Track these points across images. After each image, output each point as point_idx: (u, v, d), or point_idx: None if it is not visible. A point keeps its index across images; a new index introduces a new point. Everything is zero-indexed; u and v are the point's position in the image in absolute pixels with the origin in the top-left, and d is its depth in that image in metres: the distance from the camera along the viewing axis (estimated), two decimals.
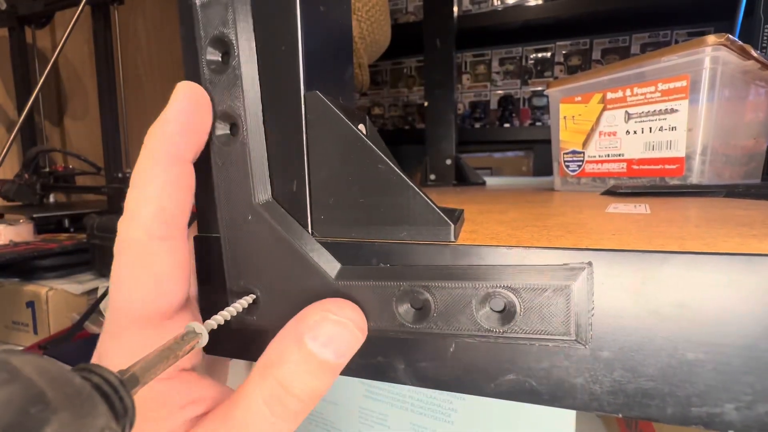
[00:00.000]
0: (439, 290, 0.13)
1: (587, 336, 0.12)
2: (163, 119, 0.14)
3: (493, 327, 0.13)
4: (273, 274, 0.15)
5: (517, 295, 0.12)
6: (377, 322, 0.14)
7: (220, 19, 0.14)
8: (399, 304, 0.14)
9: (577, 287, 0.12)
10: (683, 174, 0.32)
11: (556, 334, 0.12)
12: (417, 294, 0.13)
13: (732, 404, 0.11)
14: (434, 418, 0.31)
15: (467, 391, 0.13)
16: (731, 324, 0.11)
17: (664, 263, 0.11)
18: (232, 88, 0.14)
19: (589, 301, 0.12)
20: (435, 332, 0.13)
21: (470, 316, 0.13)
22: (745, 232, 0.14)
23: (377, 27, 0.63)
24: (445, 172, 0.71)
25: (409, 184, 0.14)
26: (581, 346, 0.12)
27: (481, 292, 0.12)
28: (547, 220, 0.18)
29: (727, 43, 0.29)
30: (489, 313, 0.13)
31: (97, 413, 0.07)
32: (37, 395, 0.07)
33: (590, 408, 0.12)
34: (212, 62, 0.15)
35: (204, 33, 0.15)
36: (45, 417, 0.07)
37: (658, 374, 0.11)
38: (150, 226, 0.14)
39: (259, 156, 0.15)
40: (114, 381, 0.08)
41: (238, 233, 0.15)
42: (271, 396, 0.13)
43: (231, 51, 0.14)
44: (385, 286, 0.14)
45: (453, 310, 0.13)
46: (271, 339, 0.15)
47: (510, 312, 0.12)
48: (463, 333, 0.13)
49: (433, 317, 0.13)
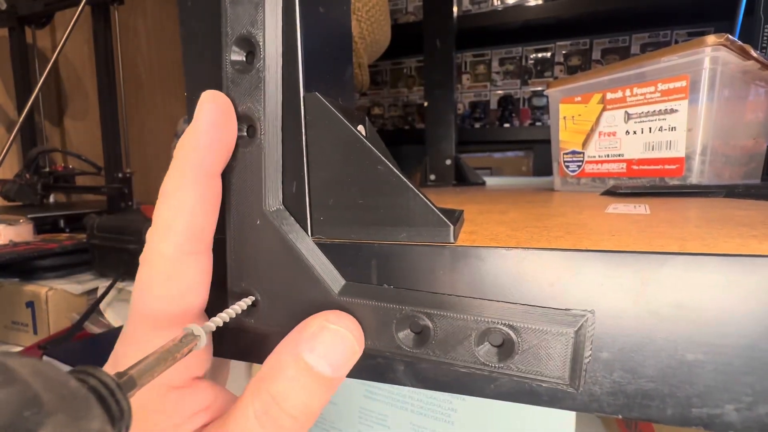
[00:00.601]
0: (440, 318, 0.13)
1: (580, 382, 0.12)
2: (193, 131, 0.14)
3: (490, 361, 0.13)
4: (276, 281, 0.15)
5: (517, 335, 0.12)
6: (375, 342, 0.14)
7: (248, 18, 0.14)
8: (399, 328, 0.14)
9: (577, 334, 0.12)
10: (683, 174, 0.32)
11: (550, 376, 0.12)
12: (417, 319, 0.13)
13: (732, 405, 0.11)
14: (434, 419, 0.31)
15: (467, 393, 0.13)
16: (731, 325, 0.11)
17: (664, 264, 0.11)
18: (254, 90, 0.14)
19: (587, 348, 0.12)
20: (432, 359, 0.13)
21: (468, 348, 0.13)
22: (745, 232, 0.14)
23: (377, 27, 0.63)
24: (444, 173, 0.71)
25: (408, 185, 0.14)
26: (573, 391, 0.12)
27: (482, 326, 0.13)
28: (546, 221, 0.18)
29: (726, 43, 0.29)
30: (488, 348, 0.13)
31: (92, 416, 0.07)
32: (32, 398, 0.07)
33: (590, 409, 0.12)
34: (236, 62, 0.15)
35: (231, 30, 0.14)
36: (39, 420, 0.06)
37: (657, 375, 0.11)
38: (180, 242, 0.14)
39: (274, 161, 0.15)
40: (111, 384, 0.08)
41: (244, 237, 0.15)
42: (264, 412, 0.13)
43: (257, 52, 0.14)
44: (386, 308, 0.14)
45: (452, 339, 0.13)
46: (270, 342, 0.15)
47: (508, 349, 0.12)
48: (460, 363, 0.13)
49: (432, 344, 0.13)
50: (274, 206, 0.15)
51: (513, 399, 0.13)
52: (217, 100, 0.14)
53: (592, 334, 0.12)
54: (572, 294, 0.12)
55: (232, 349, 0.17)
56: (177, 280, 0.14)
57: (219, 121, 0.14)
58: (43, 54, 0.93)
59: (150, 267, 0.14)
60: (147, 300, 0.14)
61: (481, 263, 0.13)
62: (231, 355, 0.17)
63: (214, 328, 0.13)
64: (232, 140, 0.15)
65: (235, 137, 0.15)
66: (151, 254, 0.14)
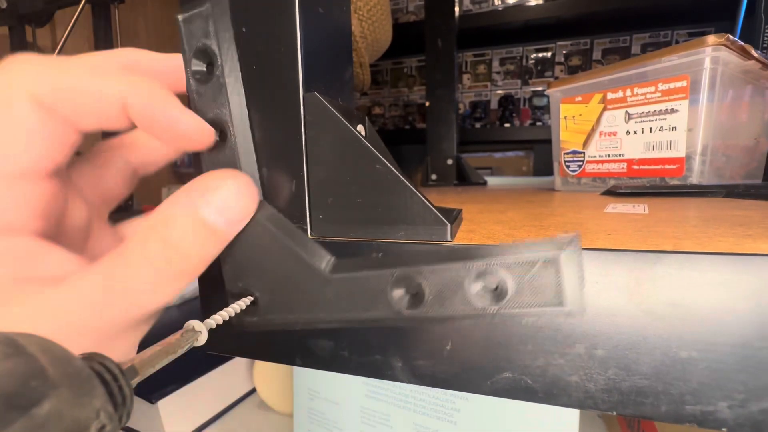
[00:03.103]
0: (431, 274, 0.13)
1: (581, 306, 0.12)
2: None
3: (487, 305, 0.13)
4: (269, 275, 0.15)
5: (508, 271, 0.12)
6: (373, 312, 0.14)
7: (202, 32, 0.15)
8: (393, 291, 0.14)
9: (565, 257, 0.12)
10: (683, 174, 0.32)
11: (549, 305, 0.12)
12: (410, 280, 0.13)
13: (725, 402, 0.11)
14: (437, 418, 0.31)
15: (464, 389, 0.13)
16: (724, 323, 0.11)
17: (658, 263, 0.11)
18: (218, 97, 0.15)
19: (580, 270, 0.12)
20: (431, 316, 0.13)
21: (463, 297, 0.13)
22: (740, 232, 0.14)
23: (378, 26, 0.63)
24: (446, 172, 0.71)
25: (406, 184, 0.14)
26: (576, 316, 0.12)
27: (472, 272, 0.12)
28: (545, 220, 0.18)
29: (727, 43, 0.29)
30: (482, 292, 0.13)
31: (95, 394, 0.08)
32: (39, 370, 0.07)
33: (585, 406, 0.12)
34: (197, 72, 0.15)
35: (188, 46, 0.15)
36: (45, 391, 0.07)
37: (651, 372, 0.12)
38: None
39: (249, 159, 0.15)
40: (114, 369, 0.08)
41: (236, 238, 0.15)
42: (156, 255, 0.13)
43: (215, 61, 0.15)
44: (378, 274, 0.14)
45: (446, 292, 0.13)
46: (271, 339, 0.15)
47: (502, 289, 0.12)
48: (458, 314, 0.13)
49: (428, 301, 0.13)
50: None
51: (509, 396, 0.13)
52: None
53: (581, 254, 0.12)
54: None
55: (232, 346, 0.17)
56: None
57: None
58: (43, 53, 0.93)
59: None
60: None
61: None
62: (231, 351, 0.17)
63: (215, 325, 0.13)
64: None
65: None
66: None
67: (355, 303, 0.14)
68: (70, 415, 0.07)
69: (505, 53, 1.18)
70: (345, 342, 0.15)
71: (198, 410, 0.40)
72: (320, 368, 0.15)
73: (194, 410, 0.40)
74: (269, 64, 0.15)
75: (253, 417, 0.44)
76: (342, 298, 0.14)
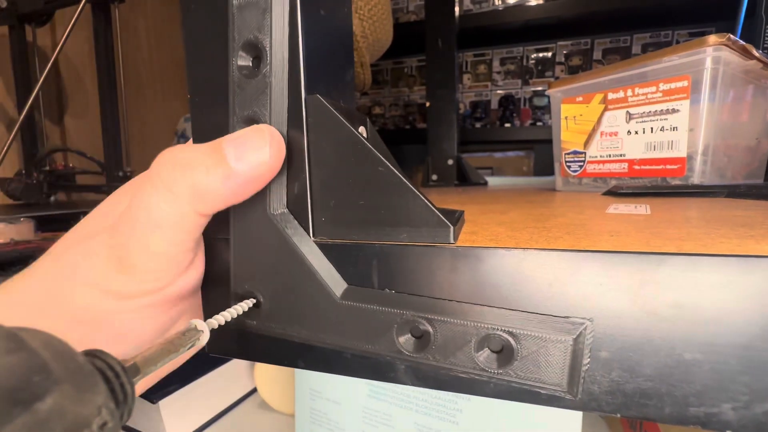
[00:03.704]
0: (440, 324, 0.13)
1: (578, 389, 0.12)
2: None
3: (490, 367, 0.13)
4: (279, 284, 0.15)
5: (516, 341, 0.12)
6: (376, 346, 0.14)
7: (256, 24, 0.14)
8: (400, 332, 0.14)
9: (575, 342, 0.12)
10: (685, 174, 0.32)
11: (549, 383, 0.12)
12: (418, 324, 0.13)
13: (729, 404, 0.11)
14: (439, 419, 0.31)
15: (467, 391, 0.13)
16: (728, 324, 0.11)
17: (662, 264, 0.11)
18: (260, 95, 0.14)
19: (585, 355, 0.12)
20: (432, 364, 0.13)
21: (468, 354, 0.13)
22: (743, 233, 0.14)
23: (379, 25, 0.63)
24: (447, 173, 0.71)
25: (408, 186, 0.14)
26: (571, 398, 0.12)
27: (482, 332, 0.13)
28: (546, 221, 0.18)
29: (728, 42, 0.29)
30: (487, 354, 0.13)
31: (97, 390, 0.08)
32: (41, 365, 0.07)
33: (588, 408, 0.12)
34: (243, 67, 0.15)
35: (238, 36, 0.14)
36: (47, 386, 0.07)
37: (655, 374, 0.12)
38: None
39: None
40: (116, 367, 0.08)
41: (248, 240, 0.15)
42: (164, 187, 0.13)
43: (263, 57, 0.14)
44: (388, 312, 0.14)
45: (452, 345, 0.13)
46: (274, 342, 0.15)
47: (507, 355, 0.13)
48: (460, 368, 0.13)
49: (432, 349, 0.13)
50: (278, 210, 0.15)
51: (512, 398, 0.13)
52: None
53: (590, 342, 0.12)
54: (571, 294, 0.12)
55: (233, 348, 0.17)
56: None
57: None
58: (43, 52, 0.93)
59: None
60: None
61: (481, 264, 0.13)
62: (233, 353, 0.17)
63: (217, 326, 0.13)
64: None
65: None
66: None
67: (358, 333, 0.14)
68: (73, 411, 0.07)
69: (506, 53, 1.18)
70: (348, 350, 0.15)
71: (199, 410, 0.40)
72: (323, 371, 0.15)
73: (195, 410, 0.40)
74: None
75: (255, 417, 0.44)
76: (346, 325, 0.14)
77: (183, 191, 0.13)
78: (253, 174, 0.14)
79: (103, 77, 0.79)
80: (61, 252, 0.16)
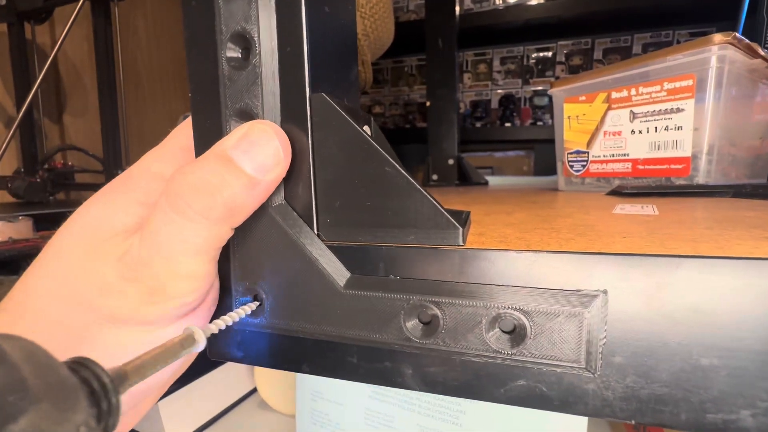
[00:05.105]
0: (449, 307, 0.13)
1: (597, 364, 0.12)
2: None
3: (502, 348, 0.12)
4: (280, 278, 0.15)
5: (528, 318, 0.12)
6: (383, 335, 0.14)
7: (242, 14, 0.14)
8: (407, 318, 0.13)
9: (589, 315, 0.12)
10: (689, 174, 0.32)
11: (565, 360, 0.12)
12: (426, 309, 0.13)
13: (748, 411, 0.11)
14: (442, 420, 0.30)
15: (476, 397, 0.13)
16: (746, 329, 0.11)
17: (678, 267, 0.11)
18: (252, 86, 0.14)
19: (601, 329, 0.12)
20: (442, 348, 0.13)
21: (479, 336, 0.13)
22: (758, 234, 0.13)
23: (381, 24, 0.63)
24: (447, 172, 0.70)
25: (416, 187, 0.13)
26: (590, 375, 0.12)
27: (492, 312, 0.12)
28: (554, 222, 0.17)
29: (734, 41, 0.29)
30: (499, 334, 0.13)
31: (78, 408, 0.07)
32: (19, 382, 0.07)
33: (602, 414, 0.12)
34: (232, 59, 0.14)
35: (225, 27, 0.14)
36: (23, 407, 0.06)
37: (671, 380, 0.11)
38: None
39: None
40: (104, 378, 0.08)
41: (247, 234, 0.15)
42: (174, 199, 0.13)
43: (252, 47, 0.14)
44: (393, 298, 0.13)
45: (462, 328, 0.13)
46: (277, 346, 0.15)
47: (520, 334, 0.12)
48: (471, 351, 0.13)
49: (441, 333, 0.13)
50: (276, 202, 0.15)
51: (523, 404, 0.13)
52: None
53: (605, 314, 0.12)
54: None
55: (235, 353, 0.17)
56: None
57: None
58: (42, 50, 0.92)
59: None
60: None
61: (491, 266, 0.13)
62: (235, 358, 0.17)
63: (217, 330, 0.13)
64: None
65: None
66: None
67: (365, 322, 0.14)
68: (48, 431, 0.07)
69: (506, 52, 1.17)
70: (353, 349, 0.15)
71: (199, 410, 0.40)
72: (327, 375, 0.15)
73: (195, 410, 0.40)
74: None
75: (254, 417, 0.43)
76: (352, 315, 0.14)
77: (218, 215, 0.13)
78: (274, 177, 0.14)
79: (103, 75, 0.79)
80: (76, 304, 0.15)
